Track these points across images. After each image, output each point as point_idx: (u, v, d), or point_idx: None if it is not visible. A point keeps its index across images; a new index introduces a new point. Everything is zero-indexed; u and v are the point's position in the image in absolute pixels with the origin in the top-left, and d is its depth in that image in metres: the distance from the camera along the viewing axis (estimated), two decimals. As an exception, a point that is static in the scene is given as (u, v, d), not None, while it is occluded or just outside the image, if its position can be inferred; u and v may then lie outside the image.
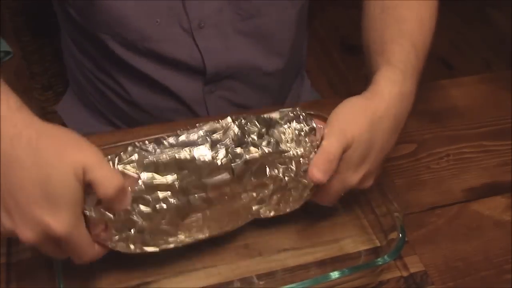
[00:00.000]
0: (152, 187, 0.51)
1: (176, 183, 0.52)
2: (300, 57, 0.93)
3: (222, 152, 0.53)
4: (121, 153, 0.52)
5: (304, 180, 0.57)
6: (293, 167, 0.56)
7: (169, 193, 0.52)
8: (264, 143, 0.55)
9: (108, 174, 0.48)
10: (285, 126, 0.57)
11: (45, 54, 0.99)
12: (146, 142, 0.53)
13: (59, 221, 0.46)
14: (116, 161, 0.51)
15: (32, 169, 0.46)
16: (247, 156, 0.54)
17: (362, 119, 0.57)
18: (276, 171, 0.56)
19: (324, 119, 0.67)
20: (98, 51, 0.78)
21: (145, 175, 0.51)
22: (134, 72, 0.78)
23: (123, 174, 0.50)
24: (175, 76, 0.79)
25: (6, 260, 0.57)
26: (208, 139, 0.53)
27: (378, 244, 0.61)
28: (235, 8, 0.76)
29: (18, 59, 1.04)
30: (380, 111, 0.57)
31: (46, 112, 0.97)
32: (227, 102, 0.84)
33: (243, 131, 0.55)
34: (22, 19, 0.98)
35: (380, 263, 0.54)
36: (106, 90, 0.83)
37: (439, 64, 1.96)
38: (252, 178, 0.55)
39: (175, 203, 0.52)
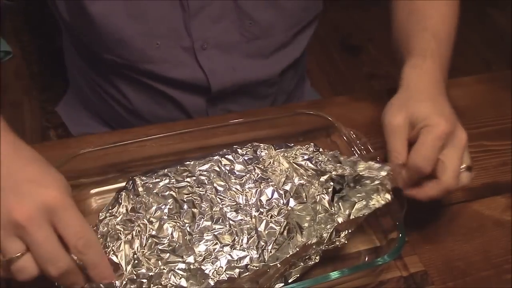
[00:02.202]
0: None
1: None
2: (303, 62, 0.93)
3: None
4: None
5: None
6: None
7: None
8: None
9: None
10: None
11: (45, 54, 0.98)
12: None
13: (53, 192, 0.46)
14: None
15: (31, 157, 0.49)
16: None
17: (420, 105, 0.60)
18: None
19: (325, 119, 0.67)
20: (100, 62, 0.78)
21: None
22: (137, 83, 0.78)
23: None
24: (178, 92, 0.79)
25: (6, 260, 0.57)
26: None
27: (378, 244, 0.61)
28: (240, 30, 0.76)
29: (18, 59, 1.04)
30: (414, 91, 0.63)
31: (46, 112, 0.96)
32: (228, 112, 0.85)
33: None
34: (22, 19, 0.97)
35: (380, 263, 0.54)
36: (107, 97, 0.83)
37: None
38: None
39: None
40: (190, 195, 0.57)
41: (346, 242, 0.57)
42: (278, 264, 0.53)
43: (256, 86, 0.83)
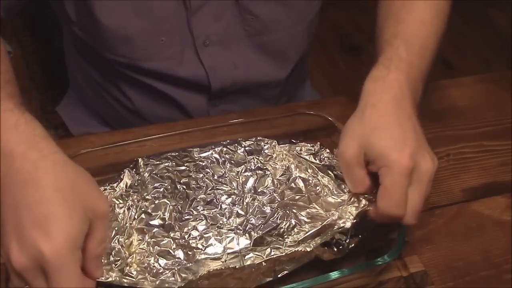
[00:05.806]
0: None
1: None
2: (305, 64, 0.93)
3: None
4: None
5: None
6: None
7: None
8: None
9: (104, 237, 0.49)
10: None
11: (45, 54, 0.99)
12: None
13: (52, 246, 0.44)
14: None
15: (48, 190, 0.46)
16: None
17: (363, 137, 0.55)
18: None
19: (325, 119, 0.67)
20: (102, 62, 0.78)
21: None
22: (138, 84, 0.78)
23: None
24: (180, 91, 0.79)
25: (6, 260, 0.57)
26: None
27: (378, 244, 0.61)
28: (242, 25, 0.76)
29: (18, 59, 1.04)
30: (374, 113, 0.56)
31: (46, 112, 0.96)
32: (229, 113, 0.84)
33: None
34: (22, 19, 0.97)
35: (380, 263, 0.54)
36: (108, 97, 0.83)
37: (439, 64, 1.96)
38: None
39: None
40: (187, 178, 0.59)
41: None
42: (264, 263, 0.53)
43: (259, 88, 0.83)
